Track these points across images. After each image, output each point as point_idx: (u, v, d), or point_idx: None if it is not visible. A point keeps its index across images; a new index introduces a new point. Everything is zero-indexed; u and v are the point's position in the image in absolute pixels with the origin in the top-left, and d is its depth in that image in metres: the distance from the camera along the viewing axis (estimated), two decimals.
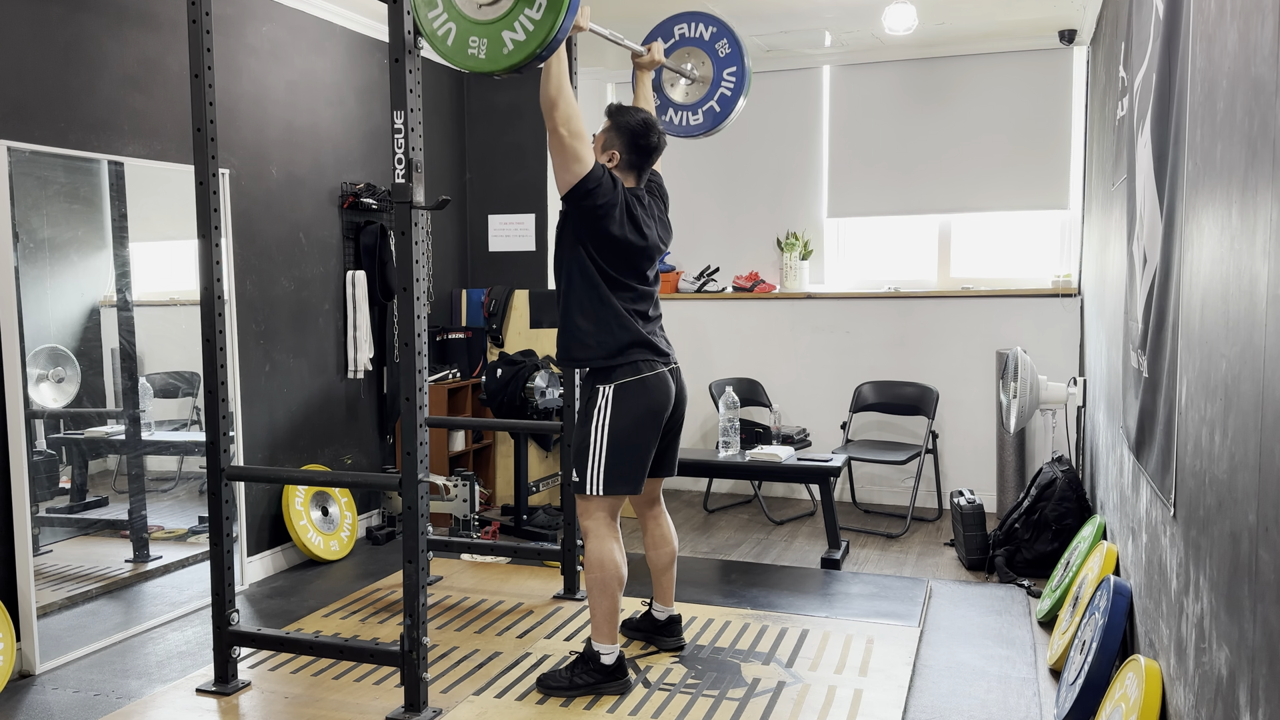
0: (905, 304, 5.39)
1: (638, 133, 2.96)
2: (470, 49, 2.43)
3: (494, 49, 2.40)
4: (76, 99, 3.34)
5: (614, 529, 2.94)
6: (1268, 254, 1.35)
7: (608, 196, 2.82)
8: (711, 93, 3.55)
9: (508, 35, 2.38)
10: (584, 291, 2.90)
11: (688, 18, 3.59)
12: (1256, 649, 1.40)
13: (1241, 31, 1.53)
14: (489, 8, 2.40)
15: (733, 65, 3.53)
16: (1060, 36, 5.03)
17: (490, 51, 2.41)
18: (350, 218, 4.69)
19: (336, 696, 2.93)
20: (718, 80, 3.54)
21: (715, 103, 3.56)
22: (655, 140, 2.99)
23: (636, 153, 2.97)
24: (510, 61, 2.40)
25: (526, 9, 2.35)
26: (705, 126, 3.59)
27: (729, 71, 3.54)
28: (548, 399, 4.85)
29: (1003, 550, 4.13)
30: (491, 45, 2.40)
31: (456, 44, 2.45)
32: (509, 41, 2.38)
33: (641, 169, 3.01)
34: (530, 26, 2.36)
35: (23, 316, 3.15)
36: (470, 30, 2.43)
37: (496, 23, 2.40)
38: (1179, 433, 2.03)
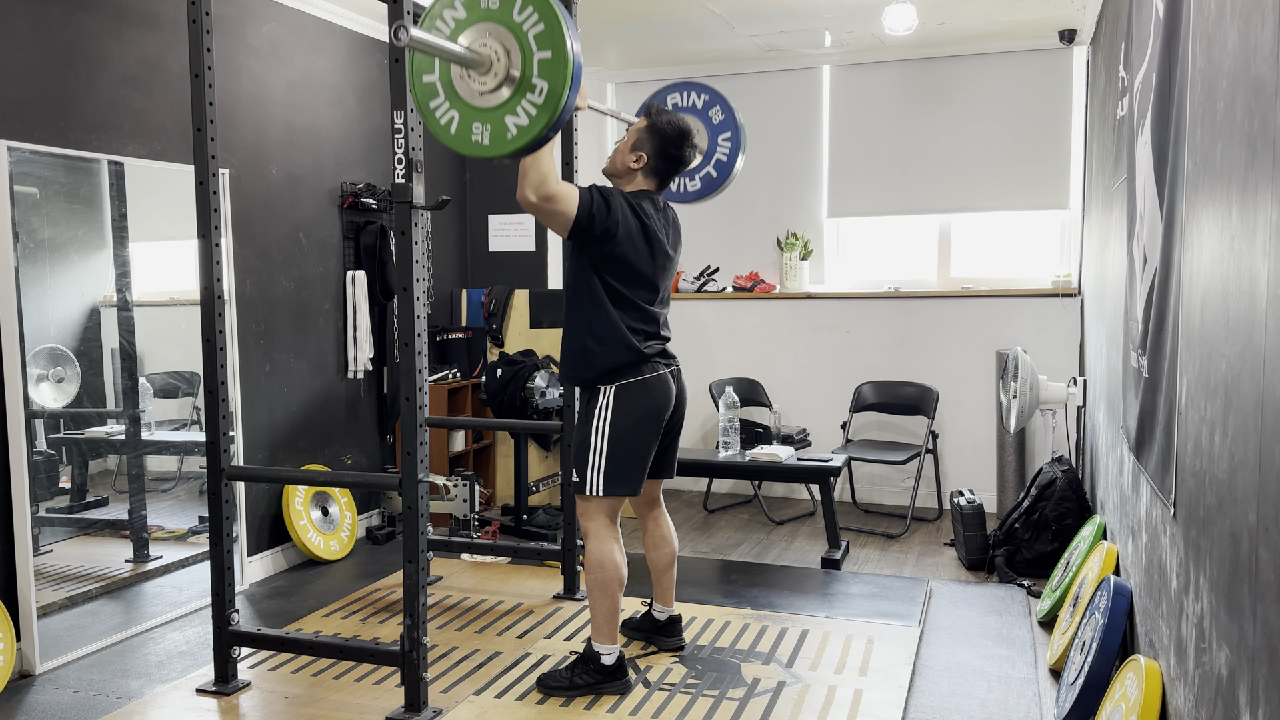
0: (905, 304, 5.39)
1: (671, 140, 2.93)
2: (474, 136, 2.47)
3: (497, 135, 2.45)
4: (76, 99, 3.34)
5: (614, 529, 2.94)
6: (1268, 254, 1.35)
7: (605, 223, 2.77)
8: (707, 159, 3.61)
9: (511, 121, 2.43)
10: (591, 311, 2.87)
11: (680, 87, 3.67)
12: (1256, 649, 1.40)
13: (1241, 31, 1.53)
14: (491, 95, 2.44)
15: (726, 131, 3.60)
16: (1060, 36, 5.03)
17: (494, 137, 2.45)
18: (350, 218, 4.69)
19: (336, 696, 2.93)
20: (713, 147, 3.61)
21: (711, 168, 3.62)
22: (687, 153, 2.96)
23: (665, 160, 2.94)
24: (514, 146, 2.44)
25: (529, 94, 2.39)
26: (703, 193, 3.65)
27: (723, 138, 3.60)
28: (548, 399, 4.85)
29: (1003, 550, 4.13)
30: (495, 131, 2.45)
31: (460, 131, 2.49)
32: (512, 127, 2.43)
33: (666, 177, 2.98)
34: (533, 112, 2.40)
35: (23, 316, 3.15)
36: (473, 117, 2.47)
37: (499, 109, 2.44)
38: (1179, 433, 2.03)
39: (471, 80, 2.43)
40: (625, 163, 2.96)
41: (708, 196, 3.65)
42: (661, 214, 2.98)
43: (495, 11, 2.40)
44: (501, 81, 2.40)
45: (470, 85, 2.44)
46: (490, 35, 2.40)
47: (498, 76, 2.40)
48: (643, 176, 2.96)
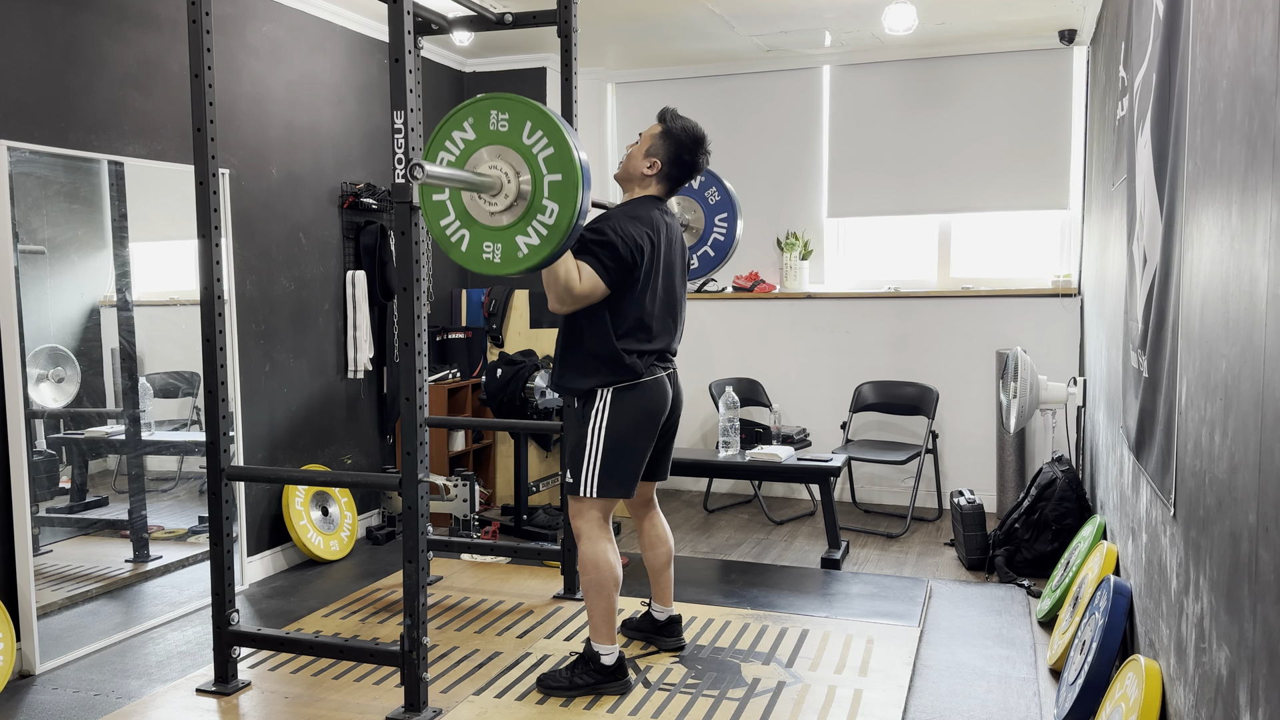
0: (905, 304, 5.39)
1: (686, 146, 2.92)
2: (485, 254, 2.52)
3: (508, 254, 2.49)
4: (76, 99, 3.34)
5: (607, 530, 2.93)
6: (1268, 254, 1.35)
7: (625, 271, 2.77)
8: (705, 238, 3.65)
9: (521, 240, 2.48)
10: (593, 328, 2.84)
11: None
12: (1256, 649, 1.40)
13: (1241, 31, 1.53)
14: (502, 215, 2.48)
15: (723, 211, 3.64)
16: (1060, 36, 5.03)
17: (505, 255, 2.50)
18: (350, 218, 4.69)
19: (336, 696, 2.93)
20: (710, 227, 3.64)
21: (709, 248, 3.66)
22: (701, 160, 2.96)
23: (679, 166, 2.94)
24: (526, 265, 2.49)
25: (539, 215, 2.43)
26: (701, 271, 3.68)
27: (720, 218, 3.64)
28: (548, 399, 4.85)
29: (1003, 550, 4.13)
30: (505, 249, 2.49)
31: (470, 249, 2.53)
32: (523, 246, 2.48)
33: (677, 183, 2.98)
34: (544, 232, 2.44)
35: (23, 316, 3.15)
36: (484, 236, 2.51)
37: (510, 229, 2.48)
38: (1179, 433, 2.03)
39: (483, 201, 2.49)
40: (639, 169, 2.95)
41: (707, 275, 3.70)
42: (665, 222, 2.96)
43: (505, 135, 2.45)
44: (512, 202, 2.46)
45: (481, 206, 2.49)
46: (500, 158, 2.46)
47: (508, 198, 2.46)
48: (655, 182, 2.96)
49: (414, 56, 2.65)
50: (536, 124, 2.42)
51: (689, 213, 3.67)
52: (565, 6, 3.47)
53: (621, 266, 2.77)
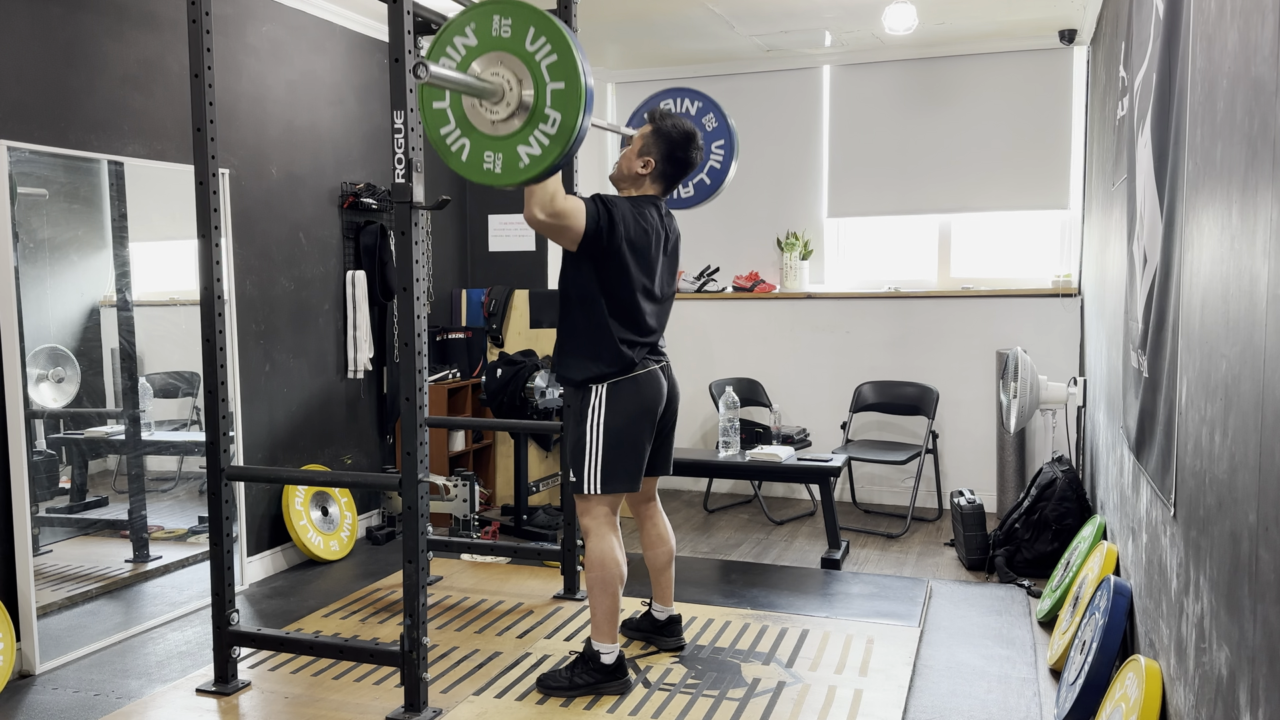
0: (905, 304, 5.39)
1: (678, 144, 2.93)
2: (485, 164, 2.47)
3: (509, 163, 2.44)
4: (76, 99, 3.34)
5: (614, 527, 2.94)
6: (1268, 254, 1.35)
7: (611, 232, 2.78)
8: (700, 167, 3.62)
9: (523, 150, 2.42)
10: (587, 318, 2.86)
11: (674, 94, 3.68)
12: (1256, 649, 1.40)
13: (1241, 31, 1.53)
14: (503, 124, 2.43)
15: (720, 139, 3.61)
16: (1060, 36, 5.03)
17: (506, 165, 2.45)
18: (350, 218, 4.69)
19: (336, 696, 2.93)
20: (706, 154, 3.62)
21: (705, 176, 3.63)
22: (694, 156, 2.97)
23: (672, 164, 2.95)
24: (527, 175, 2.44)
25: (542, 125, 2.39)
26: (696, 200, 3.66)
27: (717, 145, 3.61)
28: (548, 399, 4.85)
29: (1003, 550, 4.13)
30: (507, 159, 2.44)
31: (471, 159, 2.48)
32: (525, 156, 2.43)
33: (673, 180, 2.99)
34: (546, 142, 2.40)
35: (23, 316, 3.15)
36: (485, 146, 2.46)
37: (511, 138, 2.43)
38: (1179, 433, 2.03)
39: (484, 109, 2.43)
40: (633, 168, 2.97)
41: (701, 203, 3.68)
42: (664, 221, 2.98)
43: (508, 40, 2.39)
44: (514, 110, 2.40)
45: (483, 114, 2.44)
46: (502, 64, 2.40)
47: (510, 106, 2.40)
48: (650, 181, 2.97)
49: (414, 56, 2.65)
50: (540, 30, 2.36)
51: None
52: (565, 6, 3.47)
53: (609, 226, 2.77)
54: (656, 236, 2.91)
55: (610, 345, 2.85)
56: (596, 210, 2.76)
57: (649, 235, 2.87)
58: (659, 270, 2.94)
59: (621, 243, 2.80)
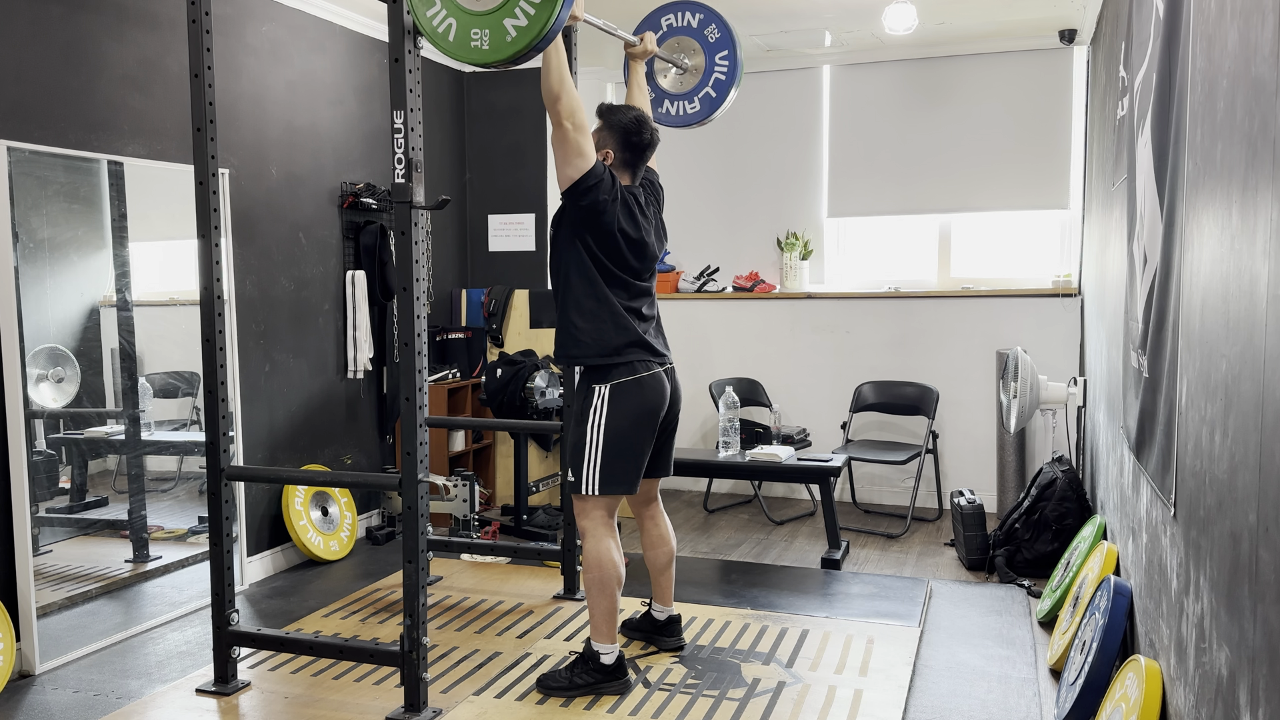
0: (905, 304, 5.39)
1: (630, 130, 2.96)
2: (473, 41, 2.44)
3: (496, 38, 2.42)
4: (76, 99, 3.34)
5: (611, 528, 2.94)
6: (1268, 254, 1.35)
7: (607, 194, 2.83)
8: (706, 79, 3.56)
9: (509, 23, 2.40)
10: (581, 289, 2.90)
11: (675, 7, 3.60)
12: (1256, 649, 1.40)
13: (1241, 31, 1.53)
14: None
15: (724, 49, 3.54)
16: (1060, 36, 5.03)
17: (493, 41, 2.42)
18: (350, 218, 4.69)
19: (336, 696, 2.93)
20: (710, 66, 3.55)
21: (710, 88, 3.57)
22: (648, 137, 2.99)
23: (630, 150, 2.98)
24: (514, 49, 2.41)
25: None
26: (703, 114, 3.60)
27: (721, 56, 3.54)
28: (548, 399, 4.85)
29: (1003, 550, 4.13)
30: (494, 35, 2.42)
31: (458, 38, 2.46)
32: (511, 29, 2.40)
33: (636, 166, 3.02)
34: (531, 11, 2.37)
35: (23, 316, 3.15)
36: (471, 23, 2.44)
37: (496, 12, 2.41)
38: (1179, 433, 2.03)
39: None
40: None
41: (708, 118, 3.60)
42: (649, 199, 3.04)
43: None
44: None
45: None
46: None
47: None
48: (616, 172, 2.99)
49: (414, 56, 2.65)
50: None
51: (691, 56, 3.59)
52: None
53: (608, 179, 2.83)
54: (639, 213, 2.95)
55: (616, 315, 2.89)
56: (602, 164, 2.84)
57: (630, 210, 2.92)
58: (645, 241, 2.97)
59: (612, 199, 2.85)
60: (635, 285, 2.96)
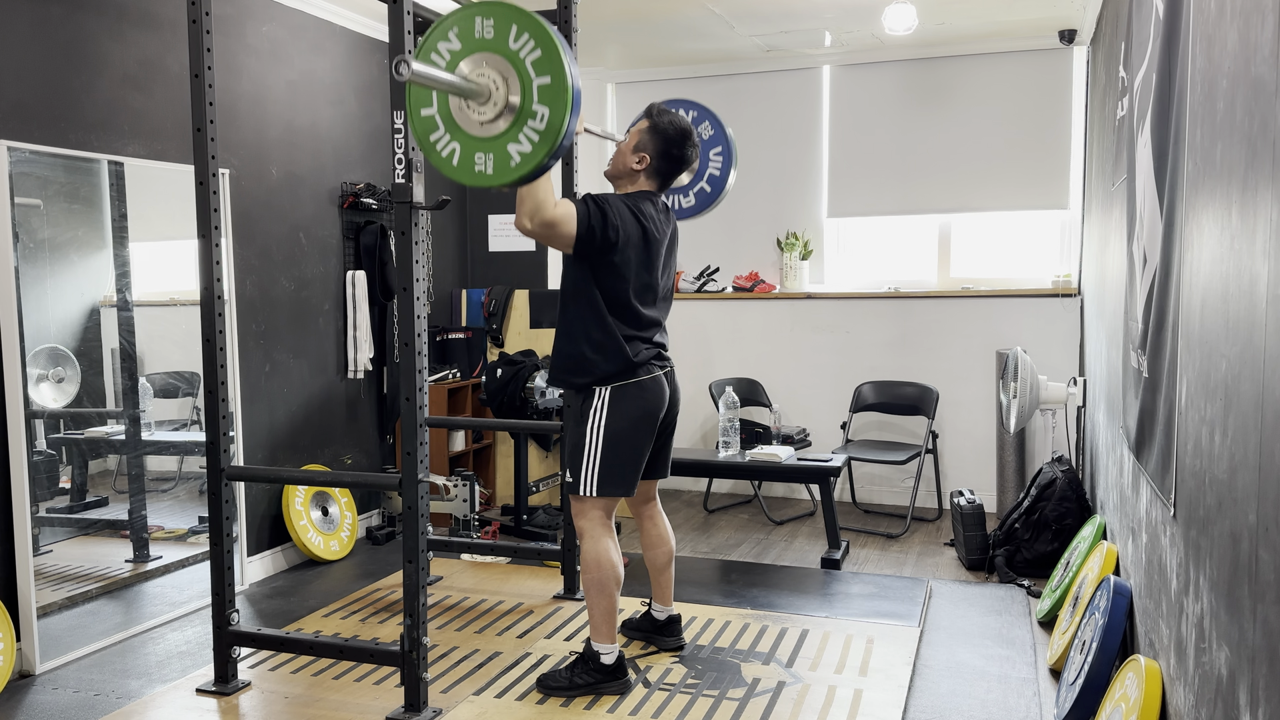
0: (905, 304, 5.39)
1: (673, 141, 2.92)
2: (477, 166, 2.47)
3: (501, 164, 2.44)
4: (76, 99, 3.34)
5: (609, 528, 2.94)
6: (1268, 254, 1.35)
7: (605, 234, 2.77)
8: (700, 175, 3.62)
9: (513, 149, 2.43)
10: (589, 319, 2.85)
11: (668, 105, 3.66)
12: (1256, 649, 1.40)
13: (1241, 31, 1.53)
14: (491, 124, 2.44)
15: (717, 145, 3.61)
16: (1060, 36, 5.03)
17: (497, 165, 2.45)
18: (350, 218, 4.69)
19: (336, 696, 2.93)
20: (705, 162, 3.61)
21: (705, 184, 3.63)
22: (689, 153, 2.96)
23: (667, 160, 2.94)
24: (519, 174, 2.44)
25: (530, 121, 2.39)
26: (698, 208, 3.65)
27: (714, 152, 3.61)
28: (548, 399, 4.85)
29: (1003, 550, 4.13)
30: (498, 161, 2.45)
31: (462, 163, 2.48)
32: (515, 155, 2.42)
33: (667, 177, 2.98)
34: (535, 139, 2.40)
35: (23, 316, 3.15)
36: (475, 148, 2.47)
37: (501, 138, 2.44)
38: (1179, 433, 2.03)
39: (471, 111, 2.43)
40: (628, 164, 2.96)
41: (702, 212, 3.67)
42: (662, 214, 2.98)
43: (491, 41, 2.40)
44: (501, 110, 2.40)
45: (470, 116, 2.44)
46: (487, 64, 2.41)
47: (497, 105, 2.40)
48: (645, 178, 2.96)
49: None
50: (523, 27, 2.36)
51: None
52: (565, 6, 3.47)
53: (602, 228, 2.75)
54: (655, 232, 2.90)
55: (614, 343, 2.85)
56: (588, 212, 2.74)
57: (646, 231, 2.87)
58: (659, 266, 2.94)
59: (618, 240, 2.79)
60: (644, 316, 2.91)
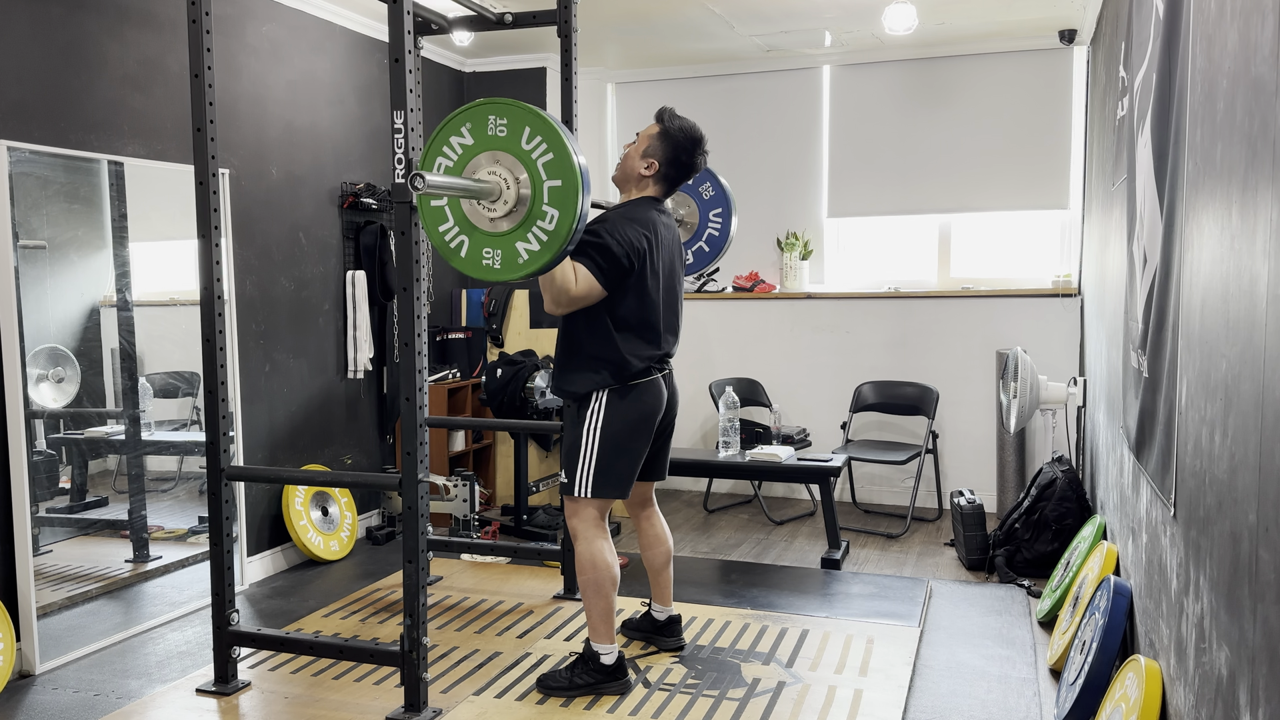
0: (905, 304, 5.39)
1: (683, 147, 2.91)
2: (485, 260, 2.51)
3: (508, 260, 2.48)
4: (76, 99, 3.34)
5: (603, 529, 2.93)
6: (1268, 254, 1.35)
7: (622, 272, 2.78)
8: (699, 234, 3.64)
9: (522, 247, 2.47)
10: (594, 334, 2.85)
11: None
12: (1256, 649, 1.40)
13: (1241, 31, 1.53)
14: (501, 220, 2.47)
15: (717, 207, 3.63)
16: (1060, 36, 5.03)
17: (505, 261, 2.49)
18: (350, 218, 4.69)
19: (336, 696, 2.93)
20: (704, 222, 3.63)
21: (704, 243, 3.65)
22: (699, 160, 2.95)
23: (676, 167, 2.93)
24: (526, 271, 2.48)
25: (540, 221, 2.42)
26: (696, 267, 3.68)
27: (714, 213, 3.63)
28: (548, 399, 4.85)
29: (1003, 550, 4.13)
30: (506, 257, 2.48)
31: (470, 255, 2.52)
32: (523, 253, 2.47)
33: (675, 184, 2.98)
34: (544, 238, 2.43)
35: (23, 316, 3.15)
36: (484, 242, 2.50)
37: (510, 235, 2.47)
38: (1179, 433, 2.03)
39: (482, 207, 2.47)
40: (636, 169, 2.95)
41: (701, 270, 3.70)
42: (663, 223, 2.96)
43: (503, 140, 2.44)
44: (512, 208, 2.45)
45: (481, 212, 2.48)
46: (499, 163, 2.45)
47: (508, 204, 2.45)
48: (652, 184, 2.95)
49: (414, 56, 2.65)
50: (535, 129, 2.42)
51: (683, 208, 3.66)
52: (565, 6, 3.47)
53: (616, 268, 2.77)
54: (657, 242, 2.89)
55: (615, 359, 2.84)
56: (599, 267, 2.75)
57: (650, 245, 2.85)
58: (662, 276, 2.92)
59: (632, 267, 2.80)
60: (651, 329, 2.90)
